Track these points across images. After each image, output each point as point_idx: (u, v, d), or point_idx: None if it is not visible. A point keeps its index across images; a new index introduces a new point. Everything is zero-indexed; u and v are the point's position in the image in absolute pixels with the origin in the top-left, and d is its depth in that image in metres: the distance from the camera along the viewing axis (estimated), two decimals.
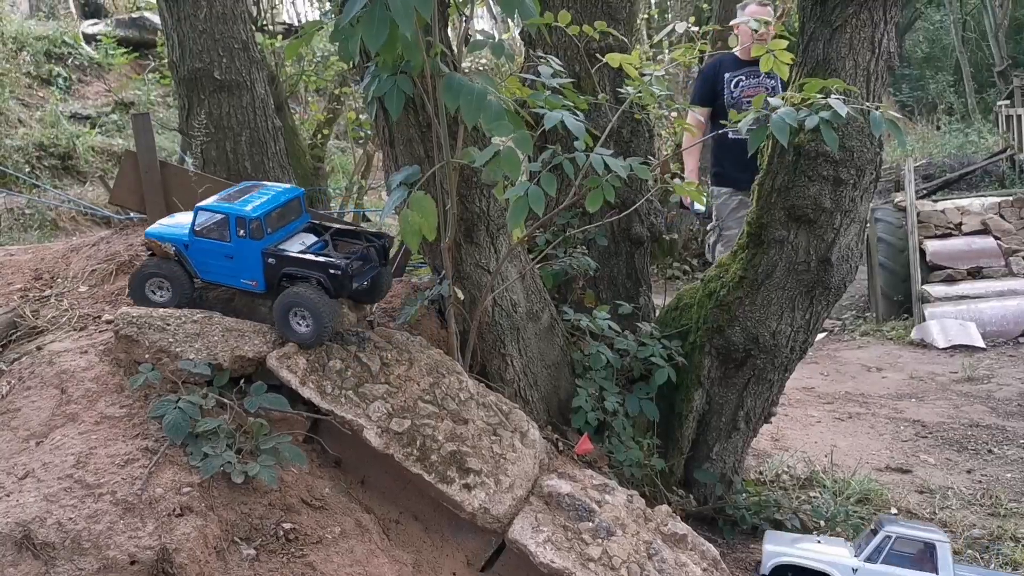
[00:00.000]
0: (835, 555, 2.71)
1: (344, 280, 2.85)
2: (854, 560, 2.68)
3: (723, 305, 3.95)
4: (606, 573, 2.65)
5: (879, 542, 2.66)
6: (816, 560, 2.68)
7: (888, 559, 2.64)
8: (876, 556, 2.65)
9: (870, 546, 2.68)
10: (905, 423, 5.65)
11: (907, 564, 2.62)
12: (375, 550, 2.55)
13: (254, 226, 2.87)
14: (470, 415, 2.88)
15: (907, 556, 2.62)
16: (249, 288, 2.93)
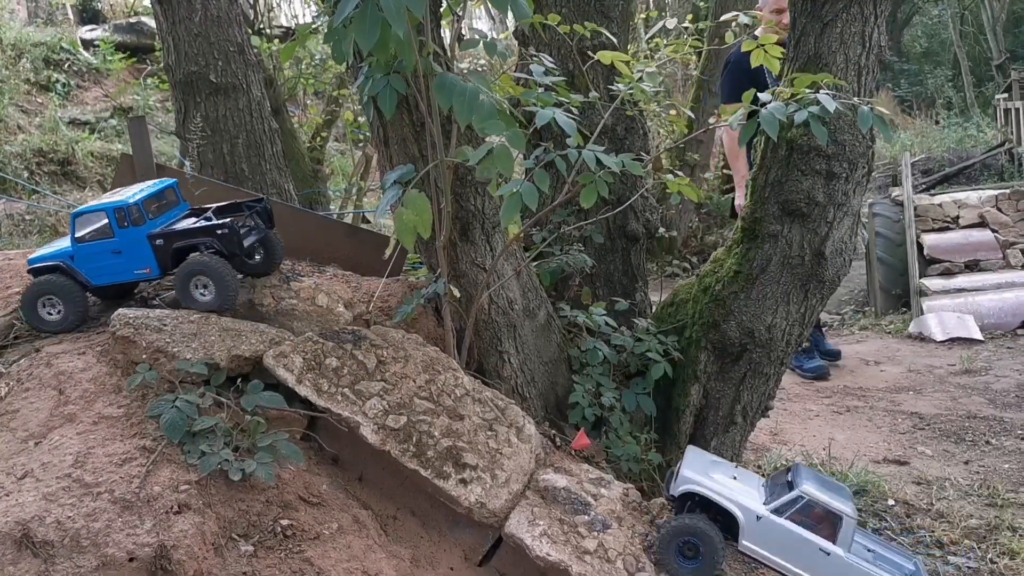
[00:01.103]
0: (745, 497, 2.72)
1: (234, 237, 2.91)
2: (761, 507, 2.69)
3: (718, 300, 3.97)
4: (602, 566, 2.67)
5: (792, 499, 2.68)
6: (725, 498, 2.70)
7: (794, 516, 2.66)
8: (784, 511, 2.67)
9: (781, 500, 2.69)
10: (903, 415, 5.67)
11: (809, 527, 2.65)
12: (372, 545, 2.57)
13: (135, 213, 2.92)
14: (466, 411, 2.91)
15: (813, 517, 2.65)
16: (144, 277, 2.99)
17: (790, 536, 2.67)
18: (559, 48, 4.26)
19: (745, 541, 2.71)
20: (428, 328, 3.61)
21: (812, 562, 2.66)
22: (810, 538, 2.66)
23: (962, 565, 3.81)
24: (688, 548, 2.73)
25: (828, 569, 2.65)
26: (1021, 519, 4.18)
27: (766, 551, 2.70)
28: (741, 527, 2.70)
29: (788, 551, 2.67)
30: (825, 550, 2.66)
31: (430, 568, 2.74)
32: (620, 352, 4.04)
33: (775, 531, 2.68)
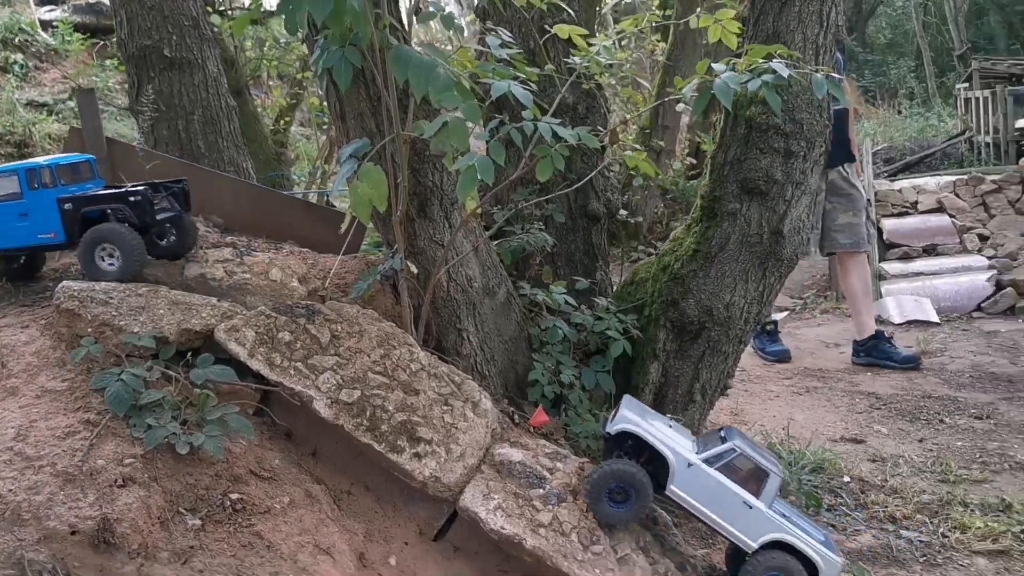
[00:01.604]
0: (678, 443, 2.76)
1: (147, 207, 2.85)
2: (693, 456, 2.73)
3: (677, 278, 3.98)
4: (556, 539, 2.66)
5: (722, 451, 2.73)
6: (660, 441, 2.73)
7: (723, 468, 2.70)
8: (714, 461, 2.71)
9: (713, 451, 2.74)
10: (860, 396, 5.73)
11: (737, 479, 2.69)
12: (325, 520, 2.55)
13: (46, 176, 2.87)
14: (421, 386, 2.88)
15: (740, 472, 2.70)
16: (48, 242, 2.92)
17: (717, 486, 2.71)
18: (520, 25, 4.24)
19: (674, 486, 2.73)
20: (386, 306, 3.58)
21: (734, 513, 2.71)
22: (736, 490, 2.71)
23: (914, 539, 3.86)
24: (618, 492, 2.75)
25: (749, 521, 2.71)
26: (973, 495, 4.24)
27: (692, 498, 2.73)
28: (672, 472, 2.73)
29: (713, 500, 2.72)
30: (748, 503, 2.71)
31: (384, 543, 2.71)
32: (580, 331, 4.04)
33: (704, 480, 2.72)
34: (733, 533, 2.73)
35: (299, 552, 2.33)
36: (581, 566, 2.62)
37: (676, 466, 2.74)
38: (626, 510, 2.77)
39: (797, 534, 2.71)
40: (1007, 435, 4.96)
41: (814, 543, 2.72)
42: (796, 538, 2.70)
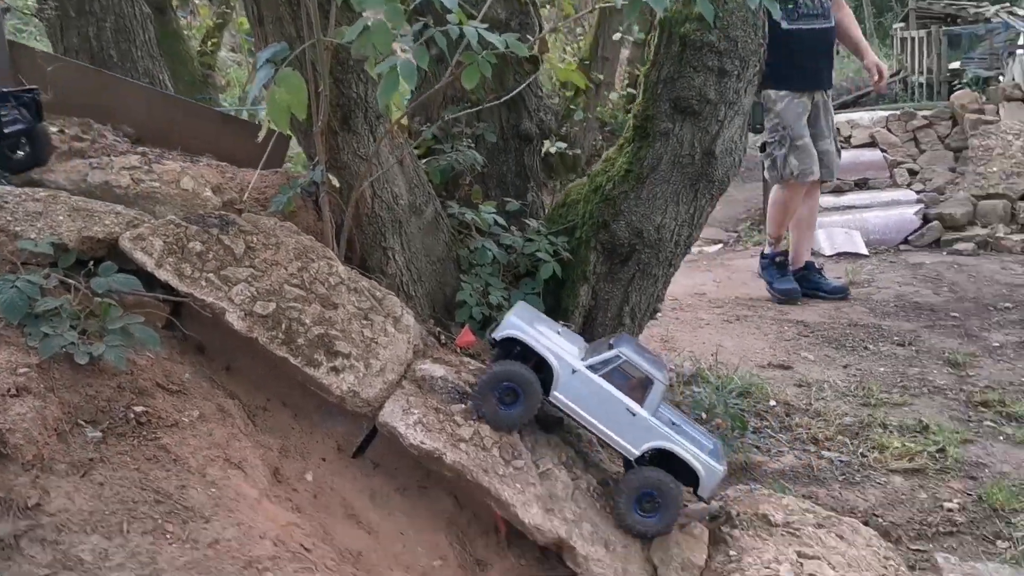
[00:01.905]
0: (563, 350, 2.73)
1: None
2: (578, 362, 2.71)
3: (608, 199, 3.91)
4: (477, 453, 2.62)
5: (608, 358, 2.70)
6: (544, 347, 2.70)
7: (608, 375, 2.69)
8: (599, 368, 2.69)
9: (599, 357, 2.71)
10: (789, 324, 5.80)
11: (622, 387, 2.68)
12: (237, 434, 2.46)
13: None
14: (340, 299, 2.79)
15: (626, 380, 2.68)
16: None
17: (600, 392, 2.69)
18: None
19: (557, 392, 2.71)
20: (308, 222, 3.45)
21: (617, 420, 2.70)
22: (619, 397, 2.69)
23: (834, 459, 3.93)
24: (507, 394, 2.72)
25: (631, 429, 2.70)
26: (892, 417, 4.34)
27: (576, 405, 2.71)
28: (555, 377, 2.70)
29: (596, 407, 2.70)
30: (632, 411, 2.69)
31: (300, 459, 2.64)
32: (510, 252, 3.97)
33: (587, 386, 2.70)
34: (616, 440, 2.72)
35: (208, 466, 2.25)
36: (502, 480, 2.59)
37: (560, 372, 2.70)
38: (516, 411, 2.72)
39: (679, 442, 2.70)
40: (927, 361, 5.08)
41: (697, 451, 2.71)
42: (677, 446, 2.70)
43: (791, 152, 5.83)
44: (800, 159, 5.84)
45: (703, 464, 2.70)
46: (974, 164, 8.22)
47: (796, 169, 5.87)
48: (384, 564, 2.49)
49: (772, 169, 6.01)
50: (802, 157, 5.86)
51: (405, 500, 2.71)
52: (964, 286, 6.46)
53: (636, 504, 2.72)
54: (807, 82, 5.89)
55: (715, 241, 8.97)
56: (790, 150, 5.83)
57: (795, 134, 5.82)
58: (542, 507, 2.59)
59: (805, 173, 5.90)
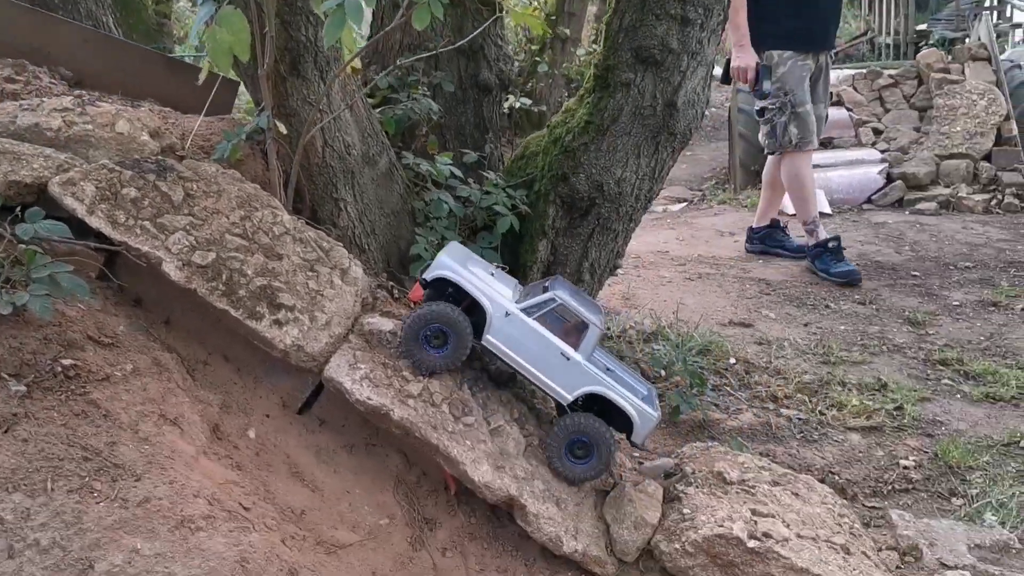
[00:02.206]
0: (497, 293, 2.65)
1: None
2: (512, 305, 2.62)
3: (568, 152, 3.81)
4: (426, 409, 2.54)
5: (543, 301, 2.62)
6: (477, 289, 2.62)
7: (542, 319, 2.61)
8: (533, 311, 2.62)
9: (533, 300, 2.63)
10: (751, 282, 5.77)
11: (557, 330, 2.60)
12: (175, 389, 2.35)
13: None
14: (285, 250, 2.67)
15: (561, 323, 2.60)
16: None
17: (534, 336, 2.61)
18: None
19: (490, 336, 2.62)
20: (256, 171, 3.31)
21: (550, 365, 2.62)
22: (554, 341, 2.61)
23: (793, 417, 3.91)
24: (435, 336, 2.63)
25: (565, 373, 2.62)
26: (851, 375, 4.32)
27: (508, 348, 2.62)
28: (488, 321, 2.61)
29: (530, 351, 2.61)
30: (566, 355, 2.61)
31: (243, 415, 2.54)
32: (467, 205, 3.86)
33: (520, 329, 2.61)
34: (549, 385, 2.64)
35: (141, 422, 2.14)
36: (451, 437, 2.51)
37: (492, 315, 2.61)
38: (443, 354, 2.63)
39: (613, 387, 2.63)
40: (887, 319, 5.07)
41: (631, 397, 2.65)
42: (611, 391, 2.63)
43: (792, 120, 5.55)
44: (800, 127, 5.57)
45: (637, 410, 2.64)
46: (938, 124, 8.21)
47: (795, 138, 5.60)
48: (328, 523, 2.41)
49: (770, 136, 5.71)
50: (802, 125, 5.59)
51: (352, 458, 2.62)
52: (925, 245, 6.46)
53: (568, 450, 2.67)
54: (814, 42, 5.55)
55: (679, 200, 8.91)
56: (791, 118, 5.55)
57: (797, 100, 5.52)
58: (492, 464, 2.52)
59: (804, 142, 5.64)
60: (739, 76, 5.53)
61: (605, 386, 2.63)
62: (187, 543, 1.93)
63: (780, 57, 5.49)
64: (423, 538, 2.54)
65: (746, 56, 5.47)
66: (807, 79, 5.53)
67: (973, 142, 7.83)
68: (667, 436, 3.68)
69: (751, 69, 5.45)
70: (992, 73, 8.45)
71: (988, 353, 4.54)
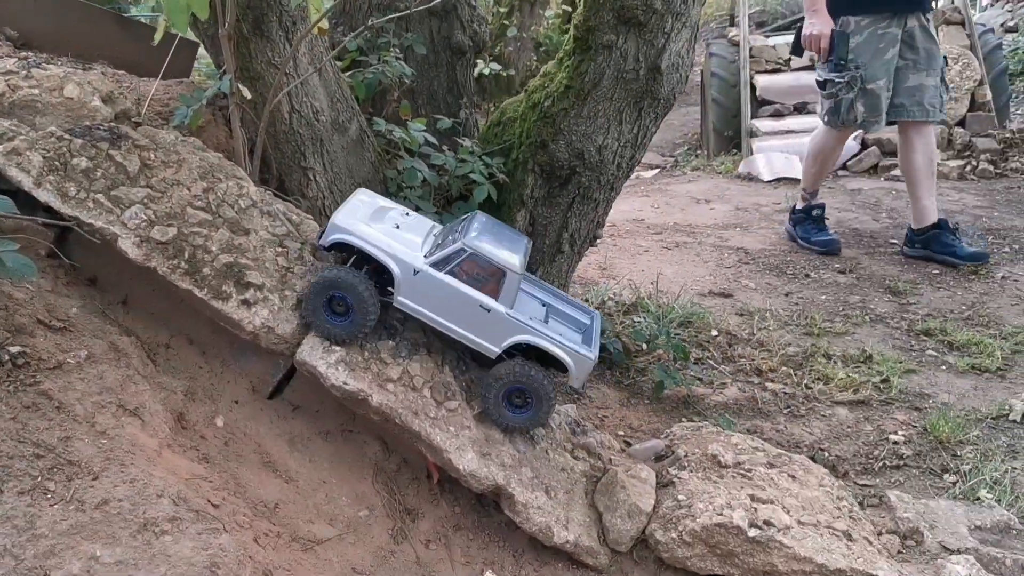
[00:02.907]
0: (402, 250, 2.45)
1: None
2: (420, 261, 2.43)
3: (547, 118, 3.64)
4: (407, 395, 2.38)
5: (451, 253, 2.42)
6: (379, 249, 2.42)
7: (455, 272, 2.42)
8: (443, 265, 2.43)
9: (442, 253, 2.43)
10: (729, 251, 5.65)
11: (472, 281, 2.42)
12: (134, 376, 2.17)
13: None
14: (252, 224, 2.49)
15: (475, 273, 2.42)
16: None
17: (448, 291, 2.42)
18: None
19: (401, 297, 2.44)
20: (218, 139, 3.12)
21: (472, 318, 2.44)
22: (470, 294, 2.42)
23: (779, 391, 3.81)
24: (338, 304, 2.43)
25: (489, 326, 2.44)
26: (835, 346, 4.23)
27: (423, 307, 2.45)
28: (397, 282, 2.42)
29: (446, 307, 2.44)
30: (486, 306, 2.43)
31: (209, 401, 2.37)
32: (441, 174, 3.69)
33: (433, 286, 2.42)
34: (475, 341, 2.47)
35: (97, 414, 1.97)
36: (434, 424, 2.36)
37: (401, 275, 2.41)
38: (347, 323, 2.43)
39: (541, 333, 2.45)
40: (868, 289, 4.99)
41: (563, 340, 2.46)
42: (540, 338, 2.44)
43: (860, 97, 4.91)
44: (868, 105, 4.94)
45: (570, 354, 2.45)
46: None
47: (861, 116, 4.98)
48: (304, 516, 2.26)
49: (833, 113, 5.09)
50: (871, 103, 4.95)
51: (328, 445, 2.47)
52: (902, 212, 6.38)
53: (506, 400, 2.51)
54: (898, 3, 4.89)
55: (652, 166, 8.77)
56: (859, 95, 4.91)
57: (868, 75, 4.89)
58: (478, 452, 2.38)
59: (869, 123, 5.05)
60: (811, 45, 4.91)
61: (532, 334, 2.44)
62: (151, 548, 1.77)
63: (857, 24, 4.90)
64: (405, 530, 2.40)
65: (820, 22, 4.86)
66: (885, 53, 4.90)
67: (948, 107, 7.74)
68: (651, 413, 3.56)
69: (825, 37, 4.80)
70: (966, 37, 8.36)
71: (971, 323, 4.48)
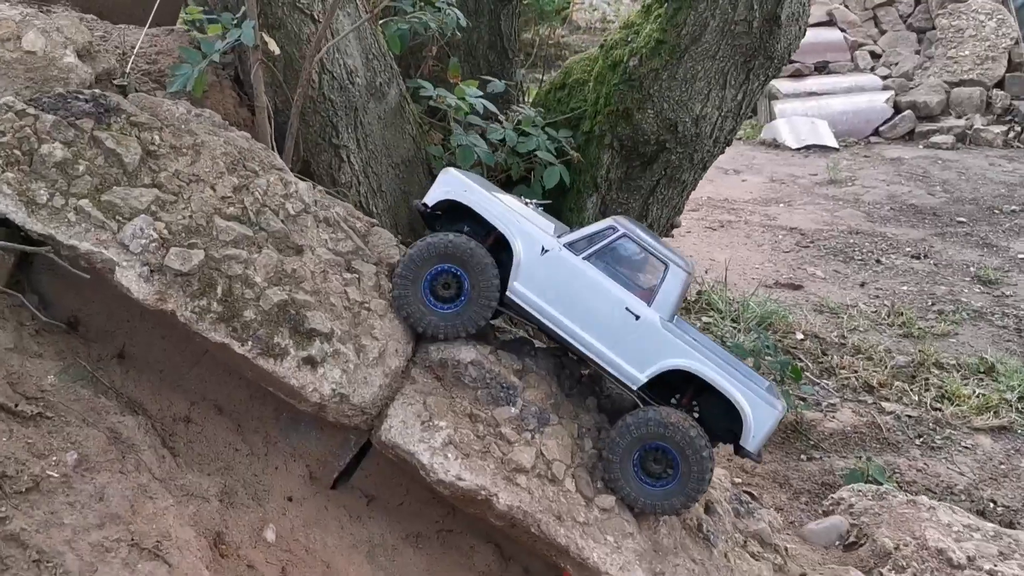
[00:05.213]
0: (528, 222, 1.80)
1: None
2: (551, 238, 1.78)
3: (632, 80, 2.89)
4: (544, 489, 1.65)
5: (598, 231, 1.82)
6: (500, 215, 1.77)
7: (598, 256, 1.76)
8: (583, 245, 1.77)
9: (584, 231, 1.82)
10: (782, 232, 4.99)
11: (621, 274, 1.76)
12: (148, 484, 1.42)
13: None
14: (306, 239, 1.72)
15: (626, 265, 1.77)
16: None
17: (584, 282, 1.73)
18: None
19: (518, 284, 1.74)
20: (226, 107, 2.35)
21: (610, 327, 1.73)
22: (614, 291, 1.73)
23: (900, 413, 3.17)
24: (445, 280, 1.75)
25: (632, 340, 1.73)
26: (944, 352, 3.60)
27: (544, 302, 1.74)
28: (516, 262, 1.73)
29: (576, 305, 1.73)
30: (635, 311, 1.73)
31: (254, 503, 1.62)
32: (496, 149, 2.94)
33: (564, 273, 1.73)
34: (609, 359, 1.74)
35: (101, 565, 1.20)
36: (585, 532, 1.63)
37: (523, 252, 1.73)
38: (456, 311, 1.75)
39: (708, 363, 1.73)
40: (951, 277, 4.36)
41: (737, 378, 1.75)
42: (707, 367, 1.73)
43: None
44: None
45: (748, 397, 1.72)
46: (943, 47, 7.49)
47: None
48: None
49: None
50: None
51: (420, 554, 1.73)
52: (957, 185, 5.78)
53: (637, 462, 1.75)
54: None
55: None
56: None
57: None
58: (648, 570, 1.66)
59: None
60: None
61: (696, 359, 1.72)
62: None
63: None
64: None
65: None
66: None
67: (984, 68, 7.14)
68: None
69: None
70: None
71: None
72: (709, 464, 1.74)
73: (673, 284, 1.74)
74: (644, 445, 1.74)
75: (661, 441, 1.72)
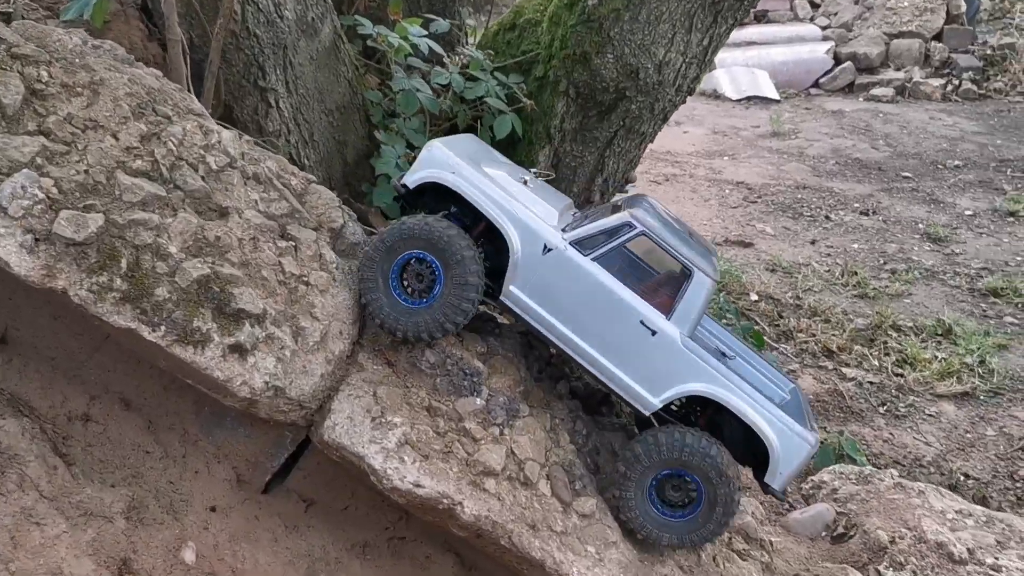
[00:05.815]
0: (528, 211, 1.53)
1: None
2: (555, 234, 1.52)
3: (592, 22, 2.65)
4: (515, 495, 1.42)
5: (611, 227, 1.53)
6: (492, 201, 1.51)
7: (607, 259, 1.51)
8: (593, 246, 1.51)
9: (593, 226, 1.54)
10: (728, 186, 4.83)
11: (634, 281, 1.52)
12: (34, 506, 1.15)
13: None
14: (232, 200, 1.43)
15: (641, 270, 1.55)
16: None
17: (591, 288, 1.49)
18: None
19: (514, 287, 1.50)
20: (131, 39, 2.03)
21: (622, 342, 1.50)
22: (628, 299, 1.50)
23: (862, 380, 3.04)
24: (417, 273, 1.48)
25: (647, 358, 1.51)
26: (901, 314, 3.49)
27: (543, 309, 1.50)
28: (514, 259, 1.48)
29: (582, 315, 1.49)
30: (651, 325, 1.49)
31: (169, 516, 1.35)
32: (440, 96, 2.67)
33: (569, 276, 1.49)
34: (620, 379, 1.51)
35: None
36: (563, 542, 1.41)
37: (521, 249, 1.48)
38: (428, 306, 1.47)
39: (732, 387, 1.51)
40: (901, 234, 4.27)
41: (763, 404, 1.52)
42: (732, 393, 1.51)
43: None
44: None
45: (776, 428, 1.50)
46: None
47: None
48: None
49: None
50: None
51: (368, 566, 1.49)
52: (900, 139, 5.69)
53: (654, 491, 1.53)
54: None
55: None
56: None
57: None
58: None
59: None
60: None
61: (721, 385, 1.50)
62: None
63: None
64: None
65: None
66: None
67: (923, 19, 7.06)
68: None
69: None
70: None
71: None
72: (737, 492, 1.52)
73: (696, 293, 1.50)
74: (662, 471, 1.52)
75: (683, 466, 1.50)
